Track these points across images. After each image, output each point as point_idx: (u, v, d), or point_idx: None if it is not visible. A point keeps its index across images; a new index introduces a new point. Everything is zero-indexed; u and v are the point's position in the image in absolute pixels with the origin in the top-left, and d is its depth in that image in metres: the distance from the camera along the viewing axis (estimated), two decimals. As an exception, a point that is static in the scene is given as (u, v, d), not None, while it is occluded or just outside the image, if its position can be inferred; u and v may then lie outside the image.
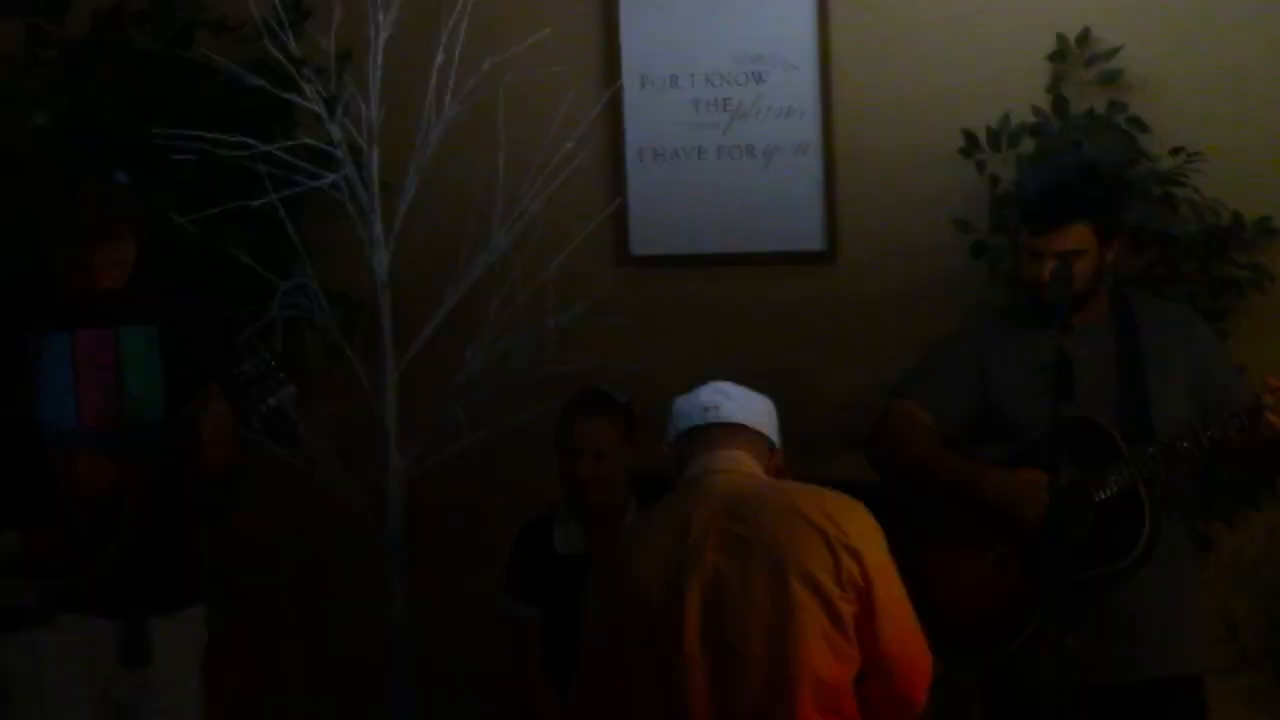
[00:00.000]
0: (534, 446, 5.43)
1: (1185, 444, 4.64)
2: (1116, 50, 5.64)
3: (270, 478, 5.84)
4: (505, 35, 5.67)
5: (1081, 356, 4.67)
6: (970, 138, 5.65)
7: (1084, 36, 5.65)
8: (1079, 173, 4.87)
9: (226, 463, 4.94)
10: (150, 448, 4.74)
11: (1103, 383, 4.70)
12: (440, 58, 5.54)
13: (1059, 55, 5.66)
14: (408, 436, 5.60)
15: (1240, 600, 5.61)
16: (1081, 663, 4.40)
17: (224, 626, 5.75)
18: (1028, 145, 5.60)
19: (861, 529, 3.92)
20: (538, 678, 5.23)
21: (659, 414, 5.67)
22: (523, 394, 5.65)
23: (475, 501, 5.73)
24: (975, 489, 4.77)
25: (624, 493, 5.20)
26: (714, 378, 4.30)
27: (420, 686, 5.64)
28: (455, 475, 5.68)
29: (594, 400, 5.19)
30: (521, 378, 5.63)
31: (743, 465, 4.03)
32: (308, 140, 5.59)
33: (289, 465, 5.66)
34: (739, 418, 4.06)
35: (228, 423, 4.74)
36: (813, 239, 5.77)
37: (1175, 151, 5.57)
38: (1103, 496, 4.64)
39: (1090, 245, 4.75)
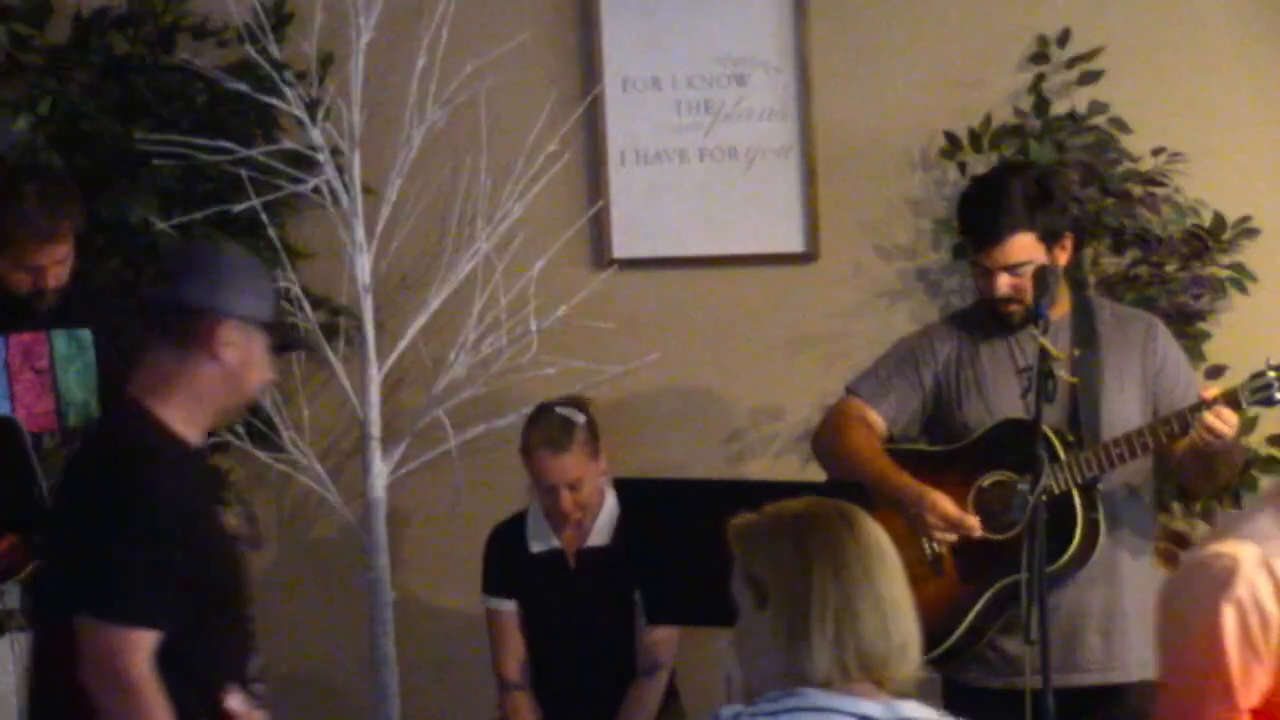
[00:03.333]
0: (517, 449, 5.43)
1: (1118, 449, 4.60)
2: (1098, 51, 5.64)
3: (252, 481, 5.85)
4: (486, 38, 5.68)
5: (1075, 355, 4.68)
6: (952, 138, 5.65)
7: (1065, 37, 5.65)
8: (1009, 182, 4.79)
9: None
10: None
11: (1057, 387, 4.67)
12: (421, 61, 5.55)
13: (1040, 56, 5.66)
14: (390, 440, 5.60)
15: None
16: (1021, 667, 4.41)
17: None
18: (1009, 146, 5.61)
19: None
20: (512, 676, 5.24)
21: (640, 416, 5.72)
22: (505, 397, 5.65)
23: (458, 504, 5.73)
24: (889, 493, 4.74)
25: (601, 488, 5.22)
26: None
27: (402, 687, 5.64)
28: (438, 478, 5.68)
29: (556, 431, 5.14)
30: (504, 381, 5.63)
31: None
32: (289, 144, 5.59)
33: (271, 469, 5.66)
34: None
35: None
36: (794, 240, 5.77)
37: (1157, 152, 5.57)
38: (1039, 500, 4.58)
39: (1036, 253, 4.69)
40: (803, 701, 2.95)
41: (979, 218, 4.76)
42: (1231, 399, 4.51)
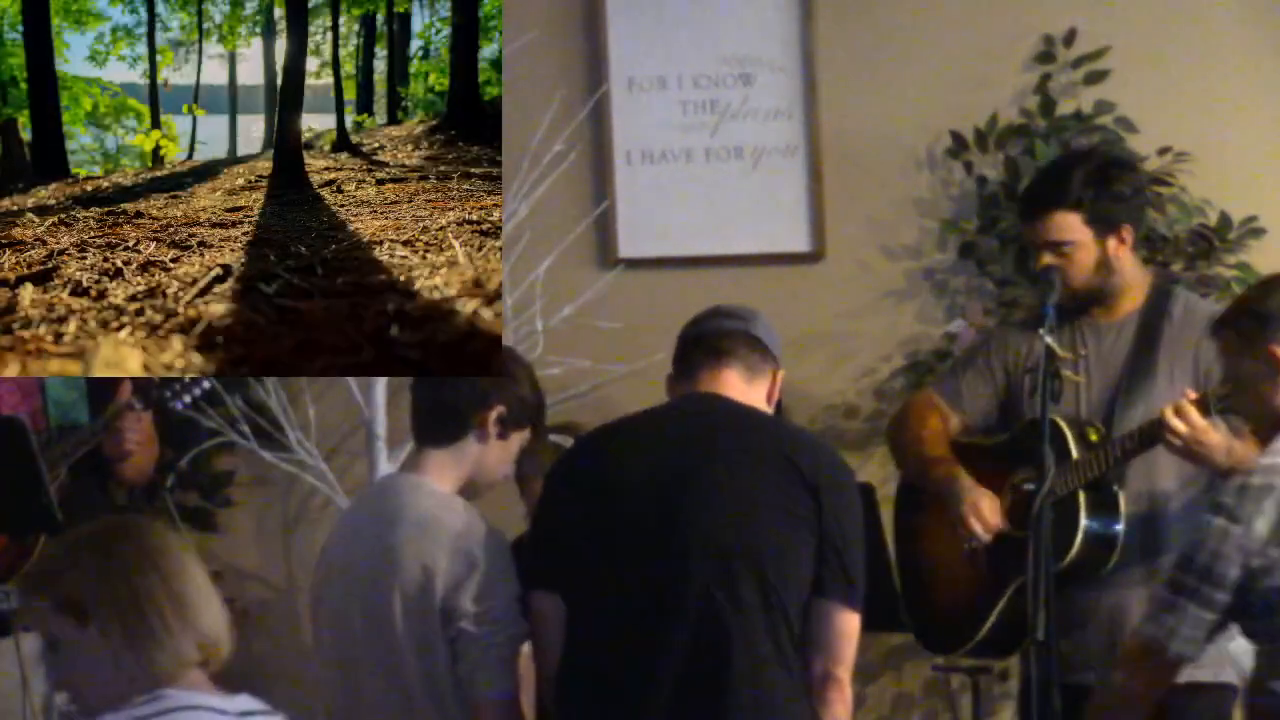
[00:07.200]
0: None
1: (1114, 449, 4.51)
2: (1104, 51, 5.64)
3: (258, 481, 5.85)
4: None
5: (1085, 355, 4.64)
6: (958, 138, 5.66)
7: (1071, 37, 5.65)
8: (1065, 160, 4.80)
9: (149, 464, 4.92)
10: (67, 452, 4.72)
11: (1106, 384, 4.64)
12: (428, 61, 5.56)
13: (1046, 56, 5.66)
14: (396, 440, 5.60)
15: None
16: (1073, 663, 4.41)
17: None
18: (1015, 146, 5.61)
19: None
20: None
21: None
22: (511, 396, 5.65)
23: (464, 504, 5.72)
24: (935, 487, 4.75)
25: None
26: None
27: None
28: (444, 478, 5.68)
29: (547, 460, 5.12)
30: (510, 380, 5.63)
31: None
32: (295, 144, 5.61)
33: (277, 469, 5.67)
34: None
35: (146, 425, 4.72)
36: (800, 240, 5.77)
37: (1163, 151, 5.57)
38: (1052, 498, 4.53)
39: (1083, 236, 4.60)
40: (171, 703, 3.03)
41: (1029, 189, 4.76)
42: (1202, 403, 4.44)
